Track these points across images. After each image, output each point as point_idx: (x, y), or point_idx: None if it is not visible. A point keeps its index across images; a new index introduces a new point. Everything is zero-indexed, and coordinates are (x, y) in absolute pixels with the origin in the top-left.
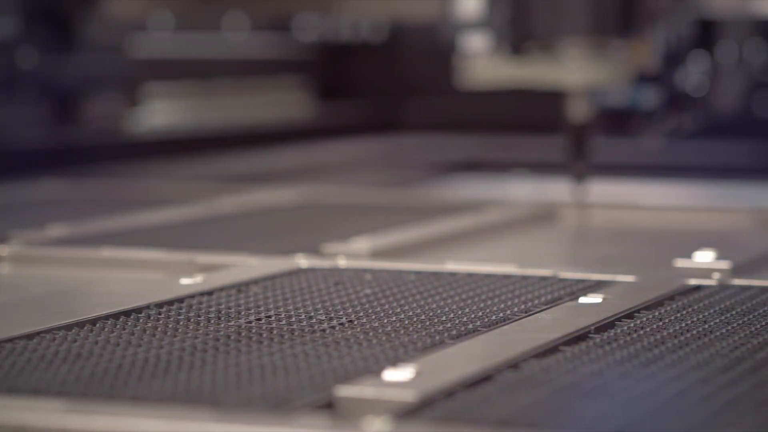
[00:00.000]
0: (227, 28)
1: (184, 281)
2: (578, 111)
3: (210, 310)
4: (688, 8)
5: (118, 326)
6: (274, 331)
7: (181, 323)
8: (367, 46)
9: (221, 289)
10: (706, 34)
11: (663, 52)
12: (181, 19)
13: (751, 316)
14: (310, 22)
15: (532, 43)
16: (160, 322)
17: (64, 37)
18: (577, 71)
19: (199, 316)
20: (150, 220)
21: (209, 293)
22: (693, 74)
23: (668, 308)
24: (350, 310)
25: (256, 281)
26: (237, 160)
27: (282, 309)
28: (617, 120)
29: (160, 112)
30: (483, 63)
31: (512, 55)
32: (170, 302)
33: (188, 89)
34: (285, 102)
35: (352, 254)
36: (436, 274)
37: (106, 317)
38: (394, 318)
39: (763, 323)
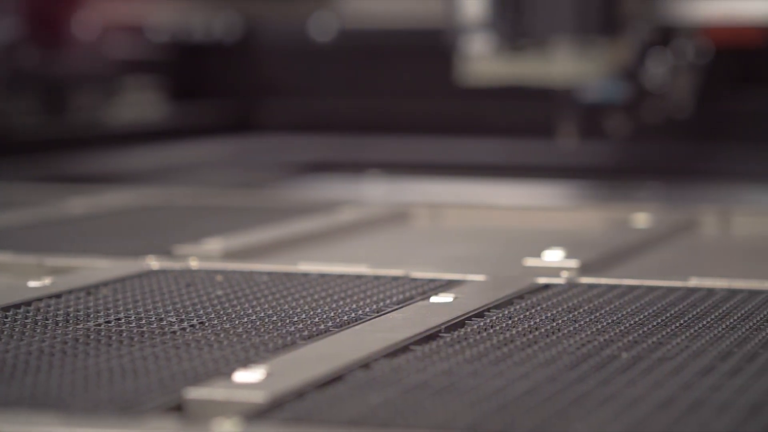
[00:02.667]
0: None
1: (32, 284)
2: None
3: (58, 313)
4: (656, 12)
5: None
6: (124, 334)
7: (29, 326)
8: (221, 47)
9: (70, 291)
10: (668, 36)
11: (635, 51)
12: None
13: (597, 314)
14: (163, 22)
15: (527, 41)
16: (7, 325)
17: None
18: (565, 67)
19: (47, 320)
20: None
21: (58, 296)
22: (656, 73)
23: (517, 307)
24: (201, 312)
25: (106, 283)
26: (87, 160)
27: (132, 311)
28: (592, 114)
29: (6, 112)
30: (484, 62)
31: (510, 53)
32: (17, 305)
33: None
34: (136, 102)
35: (204, 255)
36: (289, 275)
37: None
38: (245, 319)
39: (609, 321)
